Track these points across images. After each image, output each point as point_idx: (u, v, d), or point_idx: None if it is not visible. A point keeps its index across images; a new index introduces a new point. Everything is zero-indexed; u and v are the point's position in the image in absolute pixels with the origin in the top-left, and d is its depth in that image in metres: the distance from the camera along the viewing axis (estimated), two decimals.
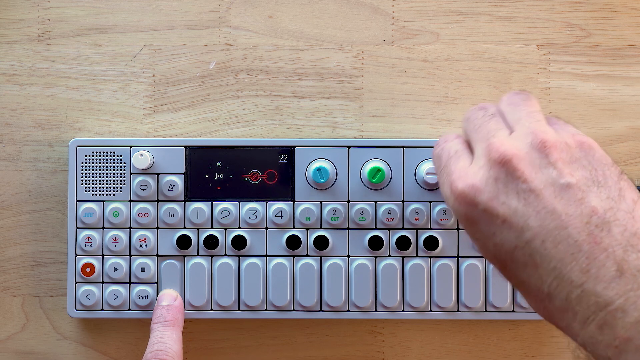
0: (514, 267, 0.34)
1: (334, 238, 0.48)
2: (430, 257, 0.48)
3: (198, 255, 0.48)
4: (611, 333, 0.30)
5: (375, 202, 0.48)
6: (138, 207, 0.48)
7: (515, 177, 0.34)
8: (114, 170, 0.48)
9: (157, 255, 0.48)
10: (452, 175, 0.36)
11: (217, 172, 0.48)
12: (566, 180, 0.33)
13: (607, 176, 0.34)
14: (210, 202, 0.48)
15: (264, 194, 0.48)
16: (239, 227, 0.48)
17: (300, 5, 0.51)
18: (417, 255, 0.48)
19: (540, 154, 0.34)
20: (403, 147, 0.48)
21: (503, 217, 0.33)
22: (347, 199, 0.48)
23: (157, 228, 0.48)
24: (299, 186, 0.48)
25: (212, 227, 0.48)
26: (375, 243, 0.48)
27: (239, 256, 0.48)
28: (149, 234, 0.48)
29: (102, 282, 0.48)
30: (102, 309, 0.48)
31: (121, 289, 0.48)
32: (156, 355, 0.43)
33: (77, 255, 0.48)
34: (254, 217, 0.48)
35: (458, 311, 0.48)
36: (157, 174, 0.48)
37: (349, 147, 0.48)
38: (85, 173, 0.48)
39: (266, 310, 0.48)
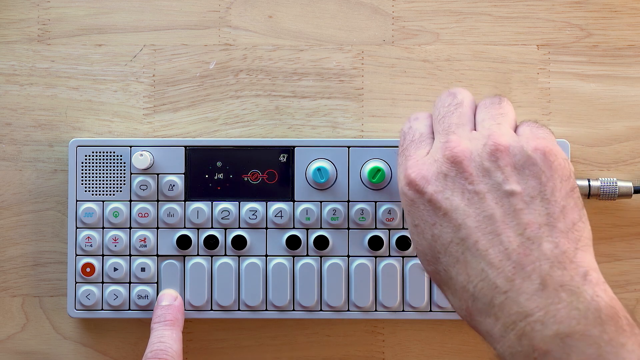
0: (445, 260, 0.34)
1: (334, 238, 0.48)
2: None
3: (198, 255, 0.48)
4: (530, 344, 0.30)
5: (375, 202, 0.48)
6: (138, 207, 0.48)
7: (463, 177, 0.35)
8: (114, 170, 0.48)
9: (157, 255, 0.48)
10: (409, 161, 0.37)
11: (217, 172, 0.48)
12: (510, 187, 0.34)
13: (556, 189, 0.34)
14: (210, 202, 0.48)
15: (264, 194, 0.48)
16: (239, 227, 0.48)
17: (300, 5, 0.51)
18: (417, 255, 0.48)
19: (490, 157, 0.35)
20: None
21: (445, 211, 0.34)
22: (347, 199, 0.48)
23: (157, 228, 0.48)
24: (299, 186, 0.48)
25: (212, 227, 0.48)
26: (375, 243, 0.48)
27: (239, 256, 0.48)
28: (149, 234, 0.48)
29: (102, 282, 0.48)
30: (102, 309, 0.48)
31: (121, 289, 0.48)
32: (156, 354, 0.43)
33: (77, 255, 0.48)
34: (254, 217, 0.48)
35: None
36: (157, 174, 0.48)
37: (349, 147, 0.48)
38: (85, 173, 0.48)
39: (266, 310, 0.48)
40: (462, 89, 0.40)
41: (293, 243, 0.48)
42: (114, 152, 0.48)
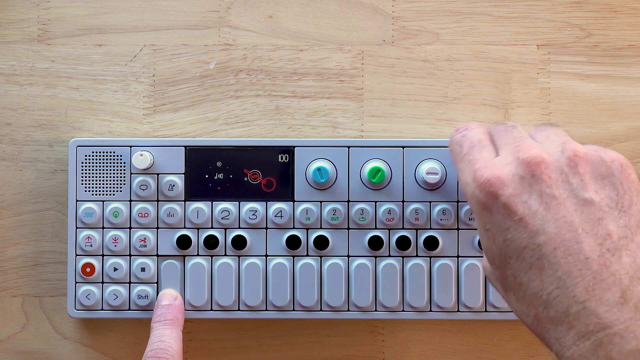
0: (517, 266, 0.34)
1: (334, 238, 0.48)
2: (430, 257, 0.48)
3: (198, 255, 0.48)
4: (606, 356, 0.30)
5: (375, 202, 0.48)
6: (138, 207, 0.48)
7: (541, 180, 0.34)
8: (114, 170, 0.48)
9: (157, 255, 0.48)
10: (477, 164, 0.36)
11: (217, 172, 0.48)
12: (589, 195, 0.33)
13: (633, 203, 0.34)
14: (210, 202, 0.48)
15: (264, 194, 0.48)
16: (239, 227, 0.48)
17: (300, 5, 0.51)
18: (417, 255, 0.48)
19: (569, 163, 0.34)
20: (403, 147, 0.48)
21: (521, 216, 0.33)
22: (347, 199, 0.48)
23: (157, 228, 0.48)
24: (299, 186, 0.48)
25: (212, 227, 0.48)
26: (375, 243, 0.48)
27: (239, 256, 0.48)
28: (149, 234, 0.48)
29: (102, 282, 0.48)
30: (102, 309, 0.48)
31: (121, 289, 0.48)
32: (156, 354, 0.43)
33: (77, 255, 0.48)
34: (254, 217, 0.48)
35: (458, 311, 0.48)
36: (157, 174, 0.48)
37: (349, 147, 0.48)
38: (85, 173, 0.48)
39: (266, 310, 0.48)
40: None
41: (293, 243, 0.48)
42: (114, 152, 0.48)
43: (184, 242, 0.48)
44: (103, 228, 0.48)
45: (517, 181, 0.34)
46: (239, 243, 0.48)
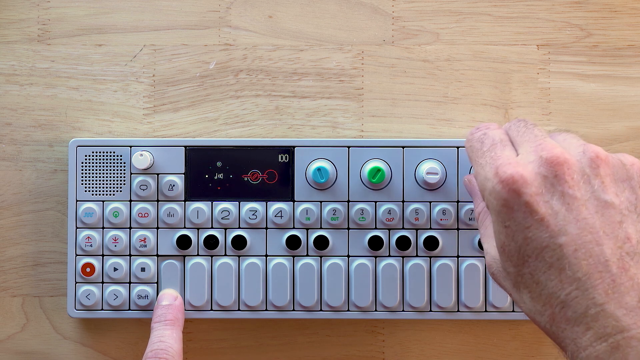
0: (535, 265, 0.34)
1: (334, 238, 0.48)
2: (430, 257, 0.48)
3: (198, 255, 0.48)
4: (622, 358, 0.30)
5: (375, 202, 0.48)
6: (138, 207, 0.48)
7: (563, 181, 0.34)
8: (114, 170, 0.48)
9: (157, 255, 0.48)
10: (499, 160, 0.36)
11: (217, 172, 0.48)
12: (610, 198, 0.33)
13: None
14: (210, 202, 0.48)
15: (264, 194, 0.48)
16: (239, 227, 0.48)
17: (300, 5, 0.51)
18: (417, 255, 0.48)
19: (591, 164, 0.34)
20: (403, 147, 0.48)
21: (542, 215, 0.33)
22: (347, 199, 0.48)
23: (157, 228, 0.48)
24: (299, 186, 0.48)
25: (212, 227, 0.48)
26: (375, 243, 0.48)
27: (239, 256, 0.48)
28: (149, 234, 0.48)
29: (102, 282, 0.48)
30: (102, 309, 0.48)
31: (121, 289, 0.48)
32: (157, 354, 0.43)
33: (77, 255, 0.48)
34: (254, 217, 0.48)
35: (458, 311, 0.48)
36: (157, 174, 0.48)
37: (349, 147, 0.48)
38: (85, 173, 0.48)
39: (266, 310, 0.48)
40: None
41: (293, 243, 0.48)
42: (114, 152, 0.48)
43: (184, 242, 0.48)
44: (103, 228, 0.48)
45: (540, 180, 0.34)
46: (239, 243, 0.48)
